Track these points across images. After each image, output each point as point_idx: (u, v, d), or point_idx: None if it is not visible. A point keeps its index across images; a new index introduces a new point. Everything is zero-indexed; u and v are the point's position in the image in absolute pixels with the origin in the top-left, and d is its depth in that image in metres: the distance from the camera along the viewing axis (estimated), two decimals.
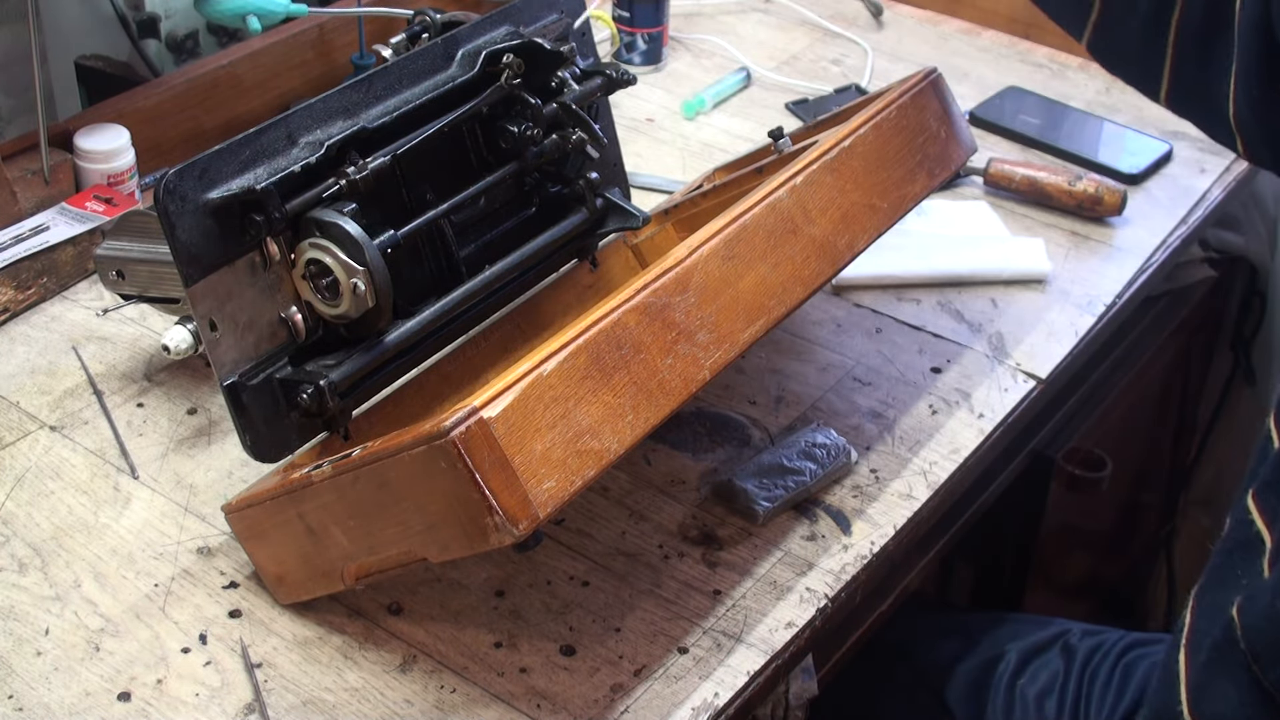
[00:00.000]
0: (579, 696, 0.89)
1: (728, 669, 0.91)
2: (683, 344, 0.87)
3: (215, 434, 1.08)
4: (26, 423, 1.08)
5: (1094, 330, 1.22)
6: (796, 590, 0.96)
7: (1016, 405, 1.14)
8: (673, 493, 1.04)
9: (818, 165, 0.97)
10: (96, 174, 1.27)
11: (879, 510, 1.03)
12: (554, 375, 0.80)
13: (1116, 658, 1.17)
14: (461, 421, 0.76)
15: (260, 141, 0.89)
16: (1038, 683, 1.18)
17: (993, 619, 1.28)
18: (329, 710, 0.88)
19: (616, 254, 1.15)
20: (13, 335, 1.17)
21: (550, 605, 0.95)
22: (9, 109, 1.39)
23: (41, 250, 1.20)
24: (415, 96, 0.96)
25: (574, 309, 1.09)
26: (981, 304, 1.24)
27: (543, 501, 0.77)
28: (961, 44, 1.65)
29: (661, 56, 1.58)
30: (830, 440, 1.06)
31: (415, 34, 1.11)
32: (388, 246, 0.90)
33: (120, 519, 1.00)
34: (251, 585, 0.95)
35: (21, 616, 0.93)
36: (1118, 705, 1.13)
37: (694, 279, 0.89)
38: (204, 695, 0.88)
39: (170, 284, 1.05)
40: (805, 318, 1.21)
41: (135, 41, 1.47)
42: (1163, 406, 1.75)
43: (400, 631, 0.93)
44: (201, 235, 0.86)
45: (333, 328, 0.93)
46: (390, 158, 0.93)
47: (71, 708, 0.87)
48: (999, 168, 1.37)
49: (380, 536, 0.84)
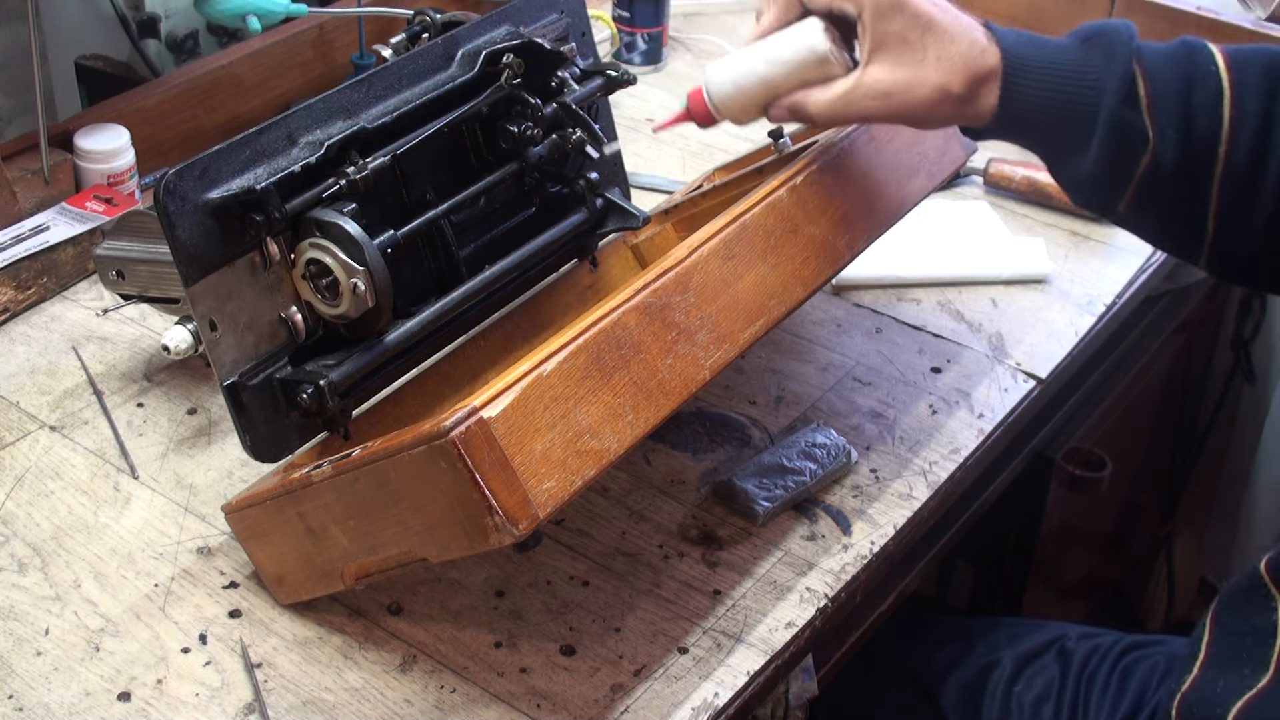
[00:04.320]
0: (579, 696, 0.89)
1: (728, 669, 0.91)
2: (683, 344, 0.87)
3: (215, 434, 1.08)
4: (26, 423, 1.08)
5: (1094, 330, 1.22)
6: (796, 590, 0.96)
7: (1016, 405, 1.14)
8: (673, 493, 1.04)
9: (818, 165, 0.98)
10: (96, 174, 1.27)
11: (879, 510, 1.03)
12: (554, 375, 0.80)
13: (1114, 661, 1.17)
14: (461, 421, 0.76)
15: (260, 141, 0.89)
16: (1034, 689, 1.18)
17: (988, 624, 1.28)
18: (329, 710, 0.88)
19: (616, 254, 1.15)
20: (13, 335, 1.17)
21: (550, 605, 0.95)
22: (9, 109, 1.39)
23: (41, 250, 1.20)
24: (415, 96, 0.96)
25: (574, 309, 1.09)
26: (981, 304, 1.24)
27: (543, 501, 0.77)
28: None
29: (661, 56, 1.58)
30: (830, 440, 1.06)
31: (415, 34, 1.11)
32: (388, 246, 0.90)
33: (120, 519, 1.00)
34: (251, 585, 0.95)
35: (21, 616, 0.93)
36: (1116, 709, 1.13)
37: (694, 279, 0.89)
38: (204, 695, 0.88)
39: (170, 284, 1.05)
40: (805, 318, 1.21)
41: (135, 41, 1.47)
42: (1163, 406, 1.75)
43: (400, 631, 0.93)
44: (201, 235, 0.86)
45: (333, 328, 0.93)
46: (390, 157, 0.93)
47: (71, 708, 0.87)
48: (999, 168, 1.37)
49: (380, 536, 0.84)
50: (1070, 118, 0.91)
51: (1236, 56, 0.93)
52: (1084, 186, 0.95)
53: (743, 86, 0.95)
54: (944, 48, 0.90)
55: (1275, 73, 0.92)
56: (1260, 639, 0.90)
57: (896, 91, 0.90)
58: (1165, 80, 0.91)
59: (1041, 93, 0.91)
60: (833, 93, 0.92)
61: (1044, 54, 0.92)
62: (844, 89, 0.92)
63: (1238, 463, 1.88)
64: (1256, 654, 0.89)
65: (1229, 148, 0.91)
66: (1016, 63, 0.91)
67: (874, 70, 0.91)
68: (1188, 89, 0.91)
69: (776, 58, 0.93)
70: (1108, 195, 0.95)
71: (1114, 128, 0.91)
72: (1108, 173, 0.92)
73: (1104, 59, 0.91)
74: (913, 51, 0.90)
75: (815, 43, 0.92)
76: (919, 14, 0.90)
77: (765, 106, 0.96)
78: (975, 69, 0.90)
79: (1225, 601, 0.95)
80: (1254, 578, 0.93)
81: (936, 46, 0.90)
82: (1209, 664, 0.93)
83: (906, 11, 0.90)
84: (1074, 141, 0.92)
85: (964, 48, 0.90)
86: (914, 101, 0.91)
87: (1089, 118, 0.91)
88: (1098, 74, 0.91)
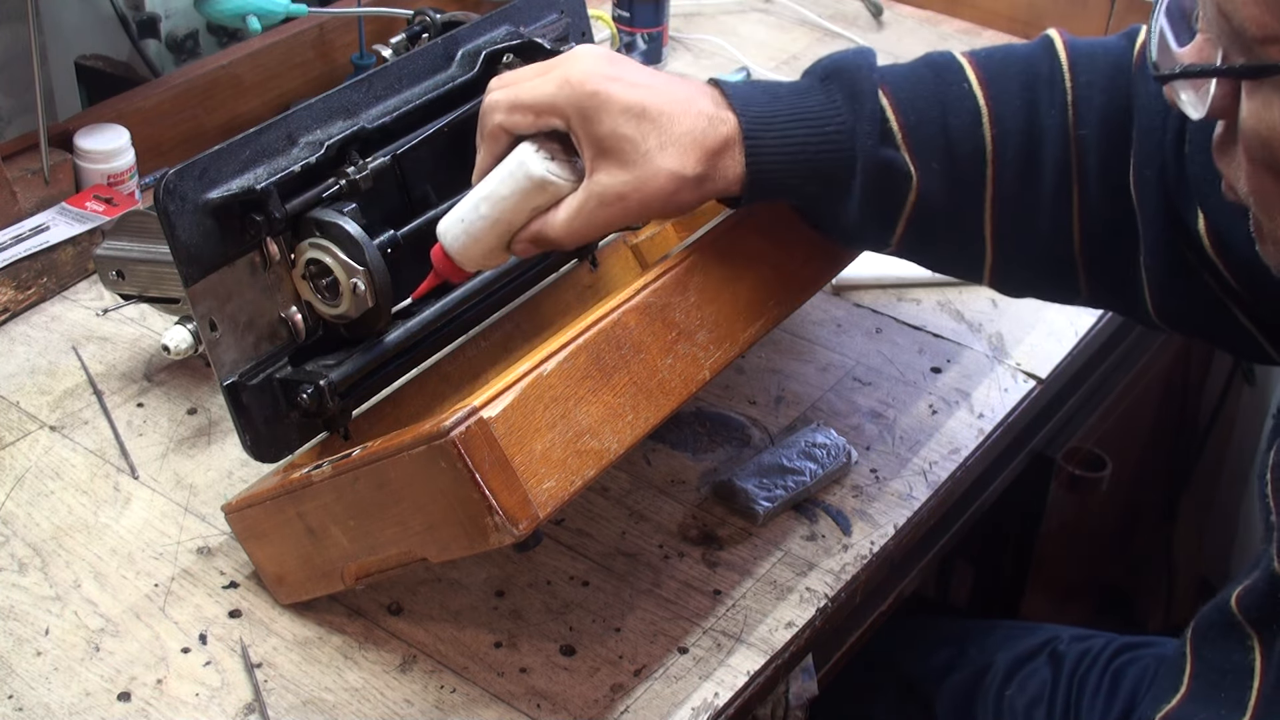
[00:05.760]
0: (579, 696, 0.89)
1: (728, 669, 0.91)
2: (683, 344, 0.87)
3: (215, 434, 1.08)
4: (26, 423, 1.08)
5: (1094, 330, 1.22)
6: (796, 590, 0.96)
7: (1016, 405, 1.14)
8: (673, 493, 1.04)
9: None
10: (96, 174, 1.27)
11: (879, 510, 1.03)
12: (554, 375, 0.80)
13: (1106, 663, 1.16)
14: (461, 421, 0.76)
15: (260, 141, 0.89)
16: (1026, 692, 1.17)
17: (982, 627, 1.28)
18: (329, 710, 0.88)
19: (616, 254, 1.15)
20: (13, 335, 1.17)
21: (550, 605, 0.95)
22: (9, 109, 1.39)
23: (41, 250, 1.20)
24: (415, 96, 0.96)
25: (574, 309, 1.09)
26: (981, 304, 1.24)
27: (543, 501, 0.77)
28: (961, 44, 1.65)
29: (661, 56, 1.58)
30: (830, 440, 1.06)
31: (415, 34, 1.11)
32: (388, 246, 0.90)
33: (120, 519, 1.00)
34: (251, 585, 0.95)
35: (21, 616, 0.93)
36: (1108, 711, 1.13)
37: (694, 279, 0.89)
38: (204, 695, 0.88)
39: (170, 284, 1.05)
40: (805, 318, 1.21)
41: (135, 41, 1.47)
42: (1163, 406, 1.75)
43: (400, 631, 0.93)
44: (201, 235, 0.86)
45: (333, 328, 0.93)
46: (390, 157, 0.93)
47: (71, 708, 0.87)
48: None
49: (380, 536, 0.84)
50: (824, 169, 0.86)
51: (988, 67, 0.89)
52: (852, 233, 0.91)
53: (475, 234, 0.88)
54: (665, 132, 0.83)
55: (1030, 81, 0.88)
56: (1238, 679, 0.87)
57: (628, 192, 0.83)
58: (917, 109, 0.87)
59: (788, 149, 0.85)
60: (565, 212, 0.85)
61: (783, 105, 0.85)
62: (576, 205, 0.85)
63: (1238, 463, 1.88)
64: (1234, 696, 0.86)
65: (995, 168, 0.87)
66: (755, 123, 0.84)
67: (600, 177, 0.84)
68: (943, 114, 0.87)
69: (497, 195, 0.86)
70: (878, 235, 0.91)
71: (873, 171, 0.86)
72: (874, 215, 0.88)
73: (847, 99, 0.86)
74: (634, 145, 0.83)
75: (530, 169, 0.85)
76: (628, 106, 0.82)
77: (507, 245, 0.88)
78: (707, 144, 0.84)
79: (1201, 633, 0.92)
80: (1226, 612, 0.89)
81: (656, 134, 0.83)
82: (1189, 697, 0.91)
83: (614, 107, 0.82)
84: (833, 191, 0.87)
85: (689, 125, 0.83)
86: (650, 196, 0.83)
87: (844, 165, 0.86)
88: (843, 117, 0.86)
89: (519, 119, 0.86)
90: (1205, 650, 0.91)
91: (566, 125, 0.84)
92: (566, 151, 0.86)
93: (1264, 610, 0.86)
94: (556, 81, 0.84)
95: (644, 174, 0.83)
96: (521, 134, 0.87)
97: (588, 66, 0.84)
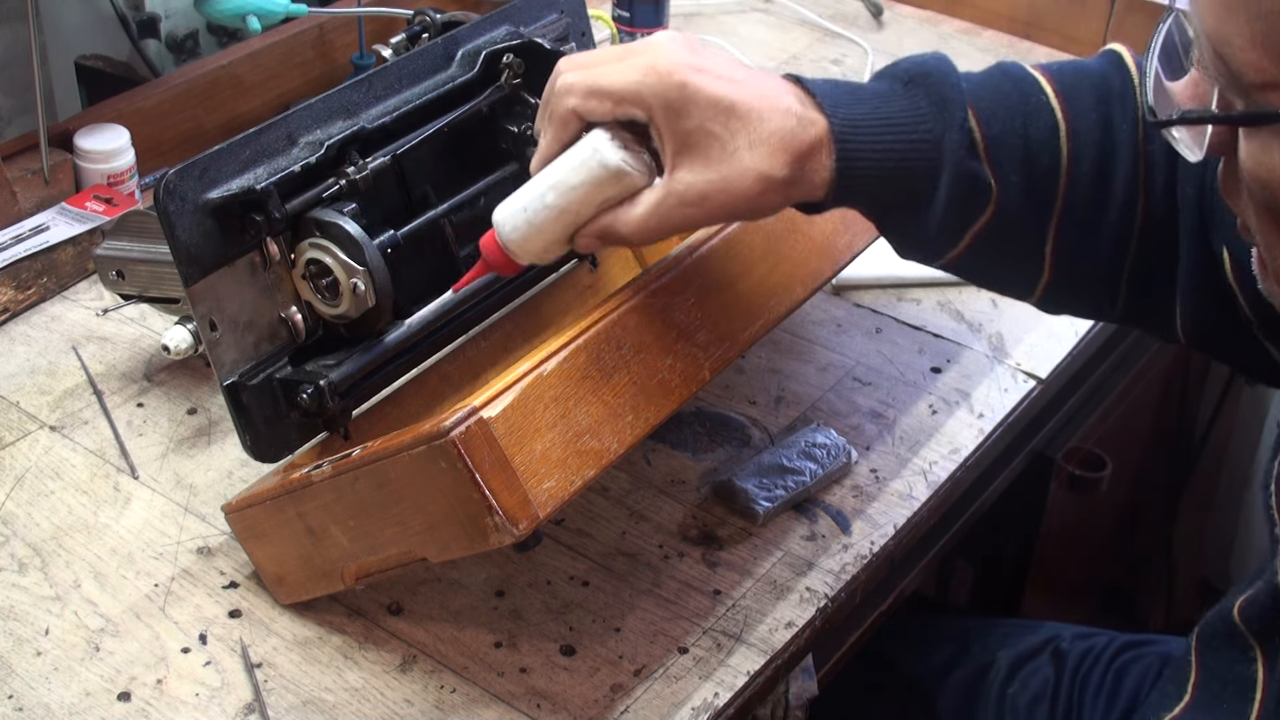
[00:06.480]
0: (579, 696, 0.89)
1: (728, 669, 0.91)
2: (683, 344, 0.87)
3: (215, 434, 1.08)
4: (26, 423, 1.08)
5: (1094, 330, 1.22)
6: (796, 590, 0.96)
7: (1016, 405, 1.14)
8: (673, 493, 1.04)
9: None
10: (96, 174, 1.27)
11: (879, 510, 1.03)
12: (554, 375, 0.80)
13: (1108, 661, 1.16)
14: (461, 421, 0.76)
15: (260, 141, 0.89)
16: (1028, 690, 1.17)
17: (983, 625, 1.28)
18: (329, 710, 0.88)
19: (616, 254, 1.15)
20: (13, 335, 1.17)
21: (550, 605, 0.95)
22: (9, 109, 1.39)
23: (41, 250, 1.20)
24: (415, 96, 0.96)
25: (574, 309, 1.09)
26: (981, 304, 1.24)
27: (543, 501, 0.77)
28: (962, 44, 1.65)
29: None
30: (830, 440, 1.06)
31: (415, 34, 1.11)
32: (388, 246, 0.90)
33: (120, 519, 1.00)
34: (251, 585, 0.95)
35: (21, 616, 0.93)
36: (1110, 710, 1.13)
37: (694, 279, 0.89)
38: (204, 695, 0.88)
39: (170, 284, 1.05)
40: (805, 318, 1.21)
41: (135, 41, 1.47)
42: (1163, 406, 1.75)
43: (400, 631, 0.93)
44: (201, 235, 0.86)
45: (333, 328, 0.93)
46: (390, 157, 0.93)
47: (71, 708, 0.87)
48: None
49: (380, 536, 0.84)
50: (910, 178, 0.81)
51: (1062, 80, 0.86)
52: (913, 243, 0.86)
53: (538, 224, 0.83)
54: (754, 130, 0.78)
55: (1104, 95, 0.86)
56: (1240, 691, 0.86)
57: (712, 193, 0.78)
58: (1000, 120, 0.83)
59: (876, 155, 0.80)
60: (642, 209, 0.80)
61: (868, 109, 0.81)
62: (654, 202, 0.80)
63: (1238, 463, 1.88)
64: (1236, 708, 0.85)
65: (1067, 182, 0.85)
66: (845, 126, 0.80)
67: (682, 175, 0.79)
68: (1024, 126, 0.83)
69: (566, 184, 0.81)
70: (940, 248, 0.86)
71: (958, 183, 0.82)
72: (947, 228, 0.84)
73: (933, 105, 0.82)
74: (720, 144, 0.78)
75: (605, 157, 0.80)
76: (716, 100, 0.78)
77: (570, 238, 0.84)
78: (797, 145, 0.79)
79: (1206, 641, 0.92)
80: (1229, 621, 0.88)
81: (745, 132, 0.78)
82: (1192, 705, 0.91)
83: (701, 101, 0.78)
84: (915, 200, 0.82)
85: (778, 123, 0.78)
86: (736, 198, 0.79)
87: (930, 175, 0.81)
88: (929, 124, 0.81)
89: (595, 105, 0.81)
90: (1210, 659, 0.91)
91: (648, 116, 0.79)
92: (639, 142, 0.81)
93: (1266, 623, 0.85)
94: (641, 69, 0.79)
95: (730, 174, 0.78)
96: (594, 121, 0.82)
97: (674, 56, 0.79)
